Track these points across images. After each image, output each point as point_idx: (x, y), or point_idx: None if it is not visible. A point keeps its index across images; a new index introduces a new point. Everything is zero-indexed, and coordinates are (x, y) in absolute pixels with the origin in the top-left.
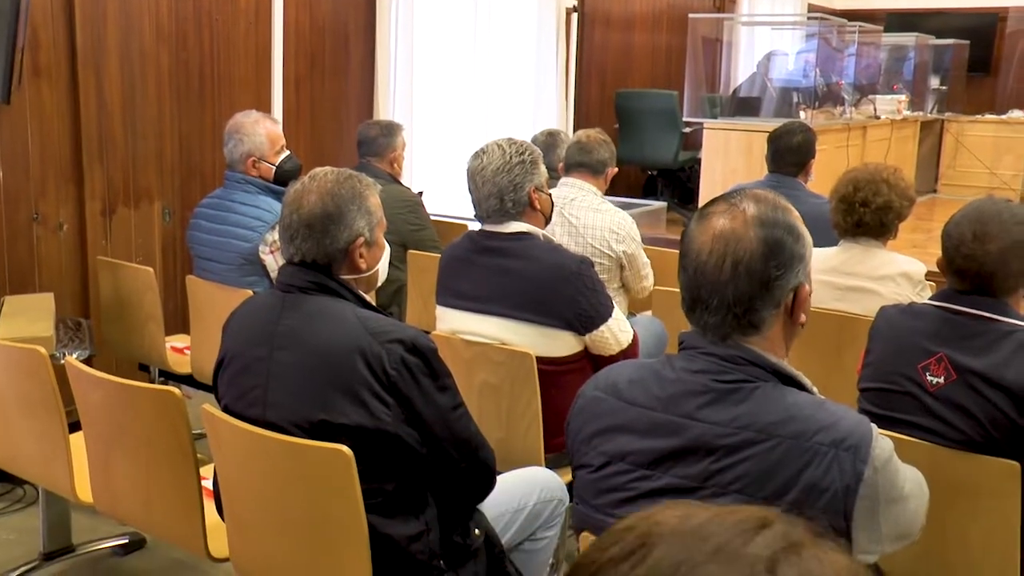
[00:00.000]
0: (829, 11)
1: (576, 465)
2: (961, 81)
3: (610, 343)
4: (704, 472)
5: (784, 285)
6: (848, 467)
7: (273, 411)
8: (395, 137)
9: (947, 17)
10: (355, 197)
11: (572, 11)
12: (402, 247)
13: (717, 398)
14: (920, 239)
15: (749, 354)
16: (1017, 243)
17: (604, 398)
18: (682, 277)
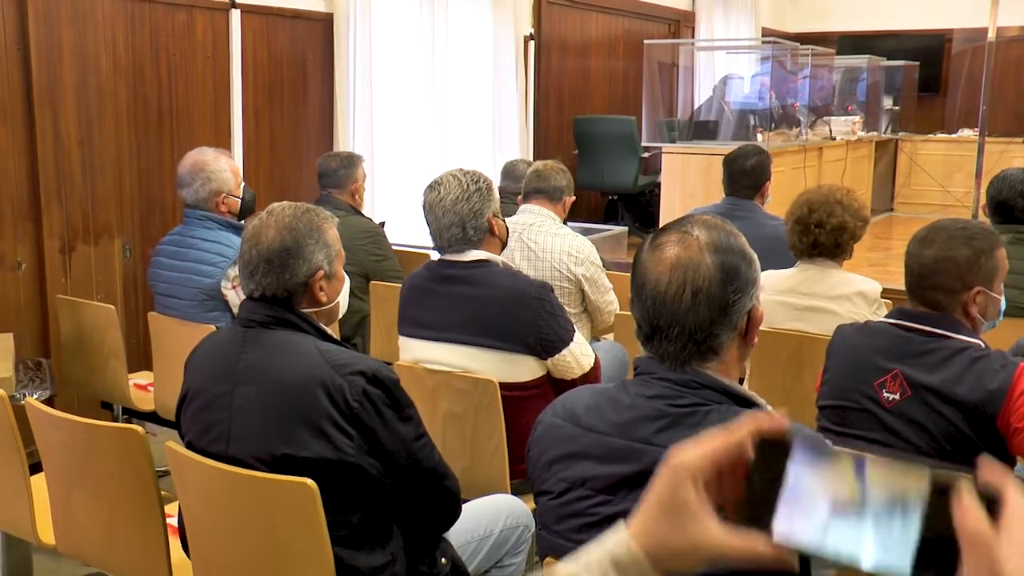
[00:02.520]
0: (782, 35)
1: (538, 492)
2: (912, 101)
3: (572, 367)
4: None
5: (741, 309)
6: None
7: (236, 446)
8: (356, 168)
9: (897, 39)
10: (313, 231)
11: (529, 38)
12: (364, 278)
13: (673, 423)
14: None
15: (703, 378)
16: (950, 259)
17: (562, 425)
18: (638, 307)
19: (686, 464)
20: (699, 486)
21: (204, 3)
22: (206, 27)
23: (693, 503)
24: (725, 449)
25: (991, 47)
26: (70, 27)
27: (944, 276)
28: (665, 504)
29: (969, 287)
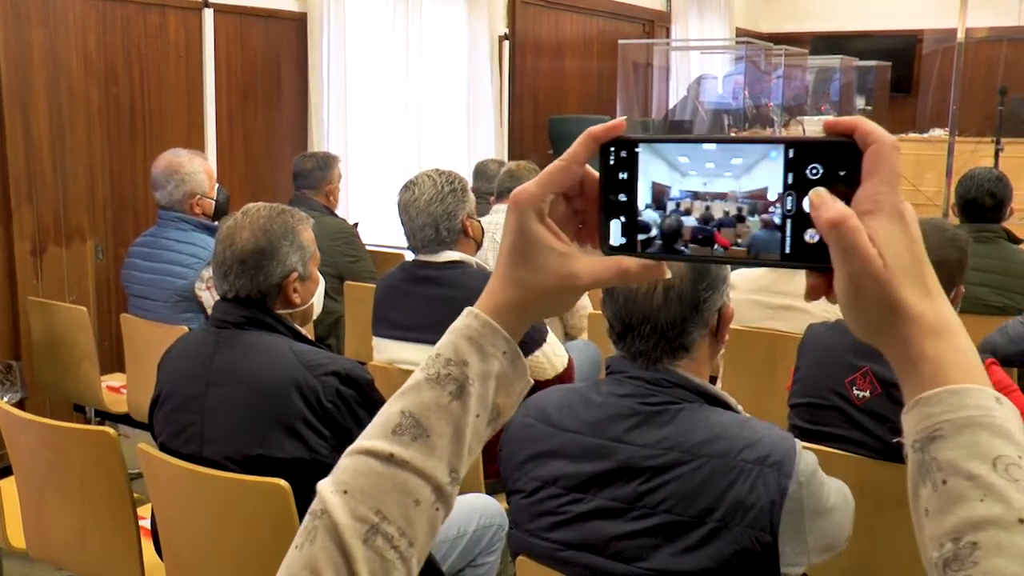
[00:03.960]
0: (756, 35)
1: (510, 491)
2: (885, 101)
3: (545, 368)
4: (633, 493)
5: (712, 306)
6: (773, 483)
7: (210, 447)
8: (331, 169)
9: (869, 40)
10: (288, 232)
11: (504, 38)
12: (339, 279)
13: (644, 421)
14: None
15: (674, 376)
16: (944, 263)
17: (534, 424)
18: (609, 306)
19: (526, 198)
20: (545, 218)
21: (176, 3)
22: (178, 27)
23: (544, 236)
24: (560, 172)
25: (960, 48)
26: (40, 29)
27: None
28: (517, 246)
29: (954, 287)
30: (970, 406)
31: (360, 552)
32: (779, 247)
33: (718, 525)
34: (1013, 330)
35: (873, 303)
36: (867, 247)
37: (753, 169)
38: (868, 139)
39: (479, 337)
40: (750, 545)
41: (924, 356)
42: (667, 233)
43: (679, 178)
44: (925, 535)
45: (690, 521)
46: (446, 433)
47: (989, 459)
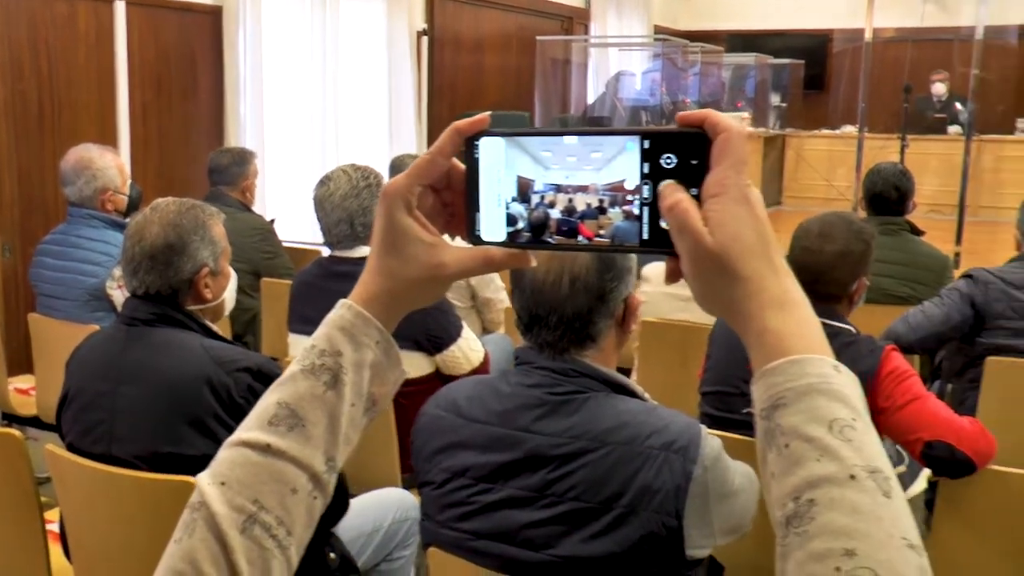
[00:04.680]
0: (674, 33)
1: (421, 482)
2: (799, 98)
3: (461, 362)
4: (542, 482)
5: (617, 297)
6: (678, 468)
7: (119, 446)
8: (247, 165)
9: (784, 38)
10: (198, 227)
11: (422, 34)
12: (255, 275)
13: (551, 410)
14: None
15: (581, 366)
16: (850, 253)
17: (444, 415)
18: (517, 298)
19: (394, 190)
20: (414, 210)
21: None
22: (88, 19)
23: (412, 227)
24: (427, 165)
25: (868, 47)
26: None
27: (842, 271)
28: (387, 237)
29: (858, 278)
30: (810, 374)
31: (238, 542)
32: (638, 235)
33: (625, 511)
34: (914, 319)
35: (714, 279)
36: (696, 225)
37: (612, 162)
38: (717, 129)
39: (352, 327)
40: (656, 529)
41: (767, 328)
42: (535, 225)
43: (543, 172)
44: (772, 497)
45: (597, 508)
46: (321, 422)
47: (826, 422)
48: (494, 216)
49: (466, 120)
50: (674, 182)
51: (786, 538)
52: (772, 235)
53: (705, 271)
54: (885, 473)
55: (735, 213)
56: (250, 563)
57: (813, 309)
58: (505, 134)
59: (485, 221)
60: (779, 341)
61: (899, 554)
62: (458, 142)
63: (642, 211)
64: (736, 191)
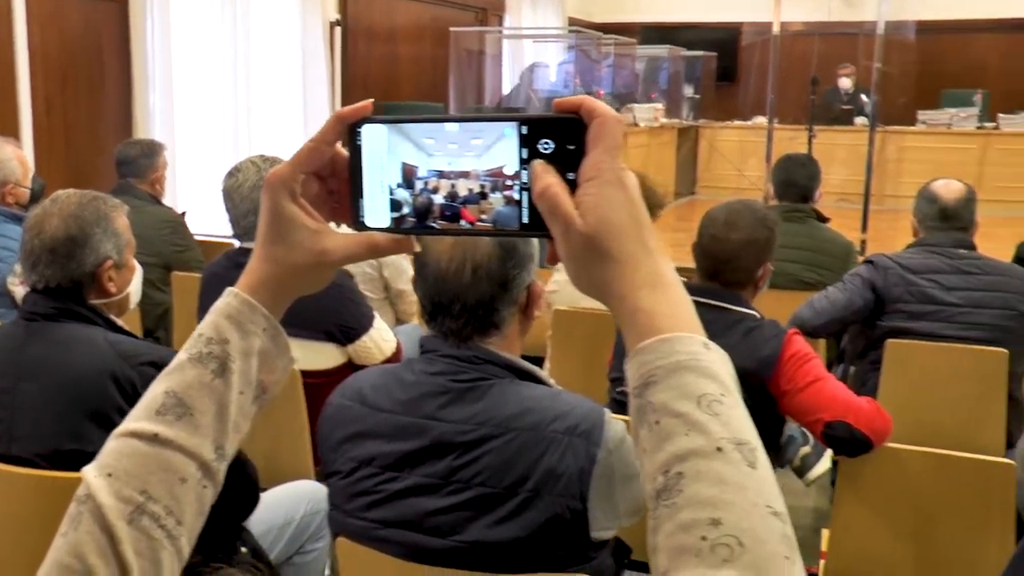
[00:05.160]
0: (588, 25)
1: (328, 473)
2: (711, 90)
3: (373, 353)
4: (447, 469)
5: (520, 284)
6: (582, 451)
7: (19, 445)
8: (156, 157)
9: (696, 31)
10: (100, 219)
11: (335, 24)
12: (166, 269)
13: (456, 397)
14: (681, 238)
15: (485, 353)
16: (756, 241)
17: (350, 405)
18: (421, 287)
19: (277, 178)
20: (298, 198)
21: None
22: None
23: (296, 214)
24: (310, 152)
25: (776, 40)
26: None
27: (747, 259)
28: (271, 224)
29: (763, 264)
30: (680, 352)
31: (125, 533)
32: (518, 219)
33: (530, 495)
34: (818, 304)
35: (585, 259)
36: (567, 208)
37: (492, 148)
38: (592, 114)
39: (238, 315)
40: (561, 512)
41: (639, 308)
42: (419, 211)
43: (426, 158)
44: (645, 472)
45: (503, 493)
46: (210, 411)
47: (694, 398)
48: (378, 202)
49: (348, 107)
50: (543, 163)
51: (656, 511)
52: (646, 217)
53: (578, 253)
54: (752, 445)
55: (609, 196)
56: (138, 554)
57: (720, 295)
58: (388, 121)
59: (369, 207)
60: (651, 320)
61: (763, 522)
62: (341, 129)
63: (522, 195)
64: (610, 174)
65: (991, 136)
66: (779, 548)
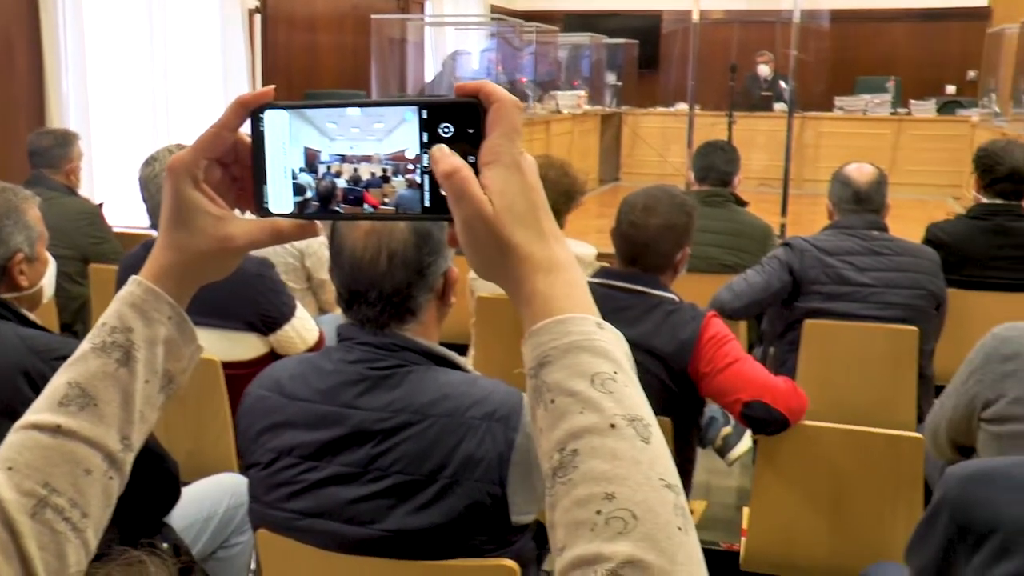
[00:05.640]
0: (510, 12)
1: (248, 464)
2: (633, 77)
3: (296, 342)
4: (366, 457)
5: (436, 271)
6: (500, 436)
7: None
8: (71, 147)
9: (619, 19)
10: (11, 211)
11: (255, 11)
12: (83, 261)
13: (373, 385)
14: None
15: (402, 340)
16: (674, 226)
17: (268, 395)
18: (337, 275)
19: (179, 165)
20: (200, 184)
21: None
22: None
23: (199, 201)
24: (211, 138)
25: (696, 28)
26: None
27: (666, 243)
28: (174, 211)
29: (681, 248)
30: (574, 332)
31: (27, 527)
32: (420, 202)
33: (449, 481)
34: (737, 286)
35: (487, 245)
36: (477, 193)
37: (393, 132)
38: (491, 99)
39: (142, 303)
40: (481, 498)
41: (535, 291)
42: (322, 195)
43: (328, 143)
44: (542, 451)
45: (422, 480)
46: (114, 400)
47: (588, 376)
48: (281, 187)
49: (250, 93)
50: (444, 146)
51: (553, 488)
52: (543, 201)
53: (479, 238)
54: (646, 420)
55: (507, 180)
56: (42, 548)
57: (640, 279)
58: (290, 106)
59: (273, 193)
60: (546, 303)
61: (656, 494)
62: (243, 115)
63: (423, 179)
64: (508, 158)
65: (904, 122)
66: (672, 519)
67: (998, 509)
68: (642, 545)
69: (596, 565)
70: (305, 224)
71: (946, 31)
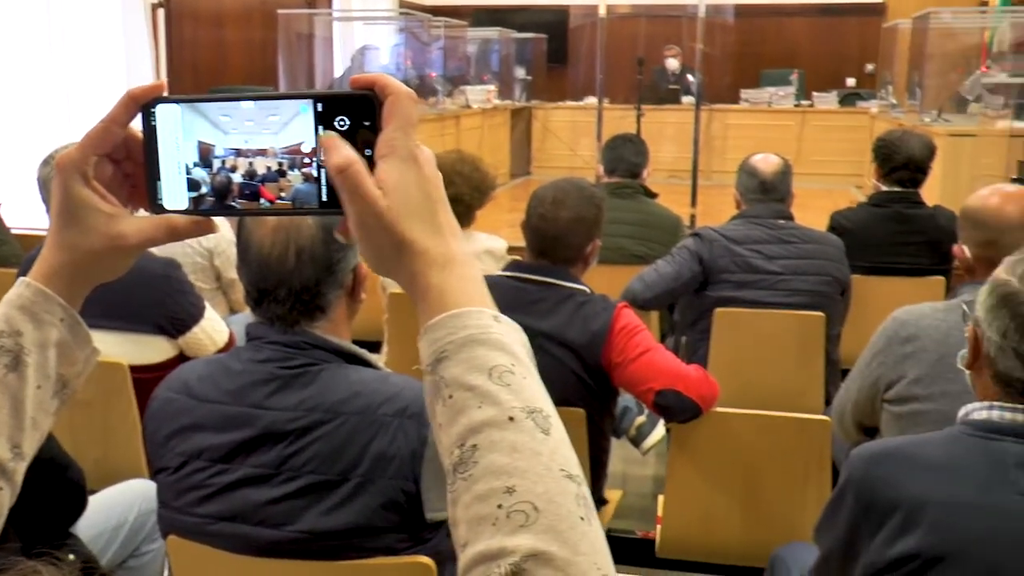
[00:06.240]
0: (418, 7)
1: (157, 469)
2: (543, 71)
3: (205, 344)
4: (278, 458)
5: (346, 267)
6: (413, 433)
7: None
8: None
9: (527, 13)
10: None
11: (157, 6)
12: None
13: (284, 384)
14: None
15: (312, 338)
16: (584, 219)
17: (176, 398)
18: (245, 273)
19: (68, 162)
20: (91, 181)
21: None
22: None
23: (89, 198)
24: (100, 134)
25: (602, 23)
26: None
27: (576, 236)
28: (63, 209)
29: (591, 240)
30: (470, 326)
31: None
32: (317, 196)
33: (362, 480)
34: (648, 277)
35: (381, 240)
36: (370, 189)
37: (289, 125)
38: (386, 91)
39: (32, 305)
40: (395, 496)
41: (430, 286)
42: (217, 190)
43: (222, 136)
44: (442, 447)
45: (335, 480)
46: (3, 407)
47: (486, 370)
48: (175, 183)
49: (141, 87)
50: (332, 134)
51: (454, 484)
52: (440, 194)
53: (372, 233)
54: (545, 412)
55: (403, 173)
56: None
57: (551, 272)
58: (182, 100)
59: (167, 189)
60: (441, 296)
61: (556, 485)
62: (133, 109)
63: (320, 173)
64: (404, 151)
65: (807, 113)
66: (575, 509)
67: (899, 487)
68: (544, 537)
69: (499, 560)
70: (200, 220)
71: (845, 26)
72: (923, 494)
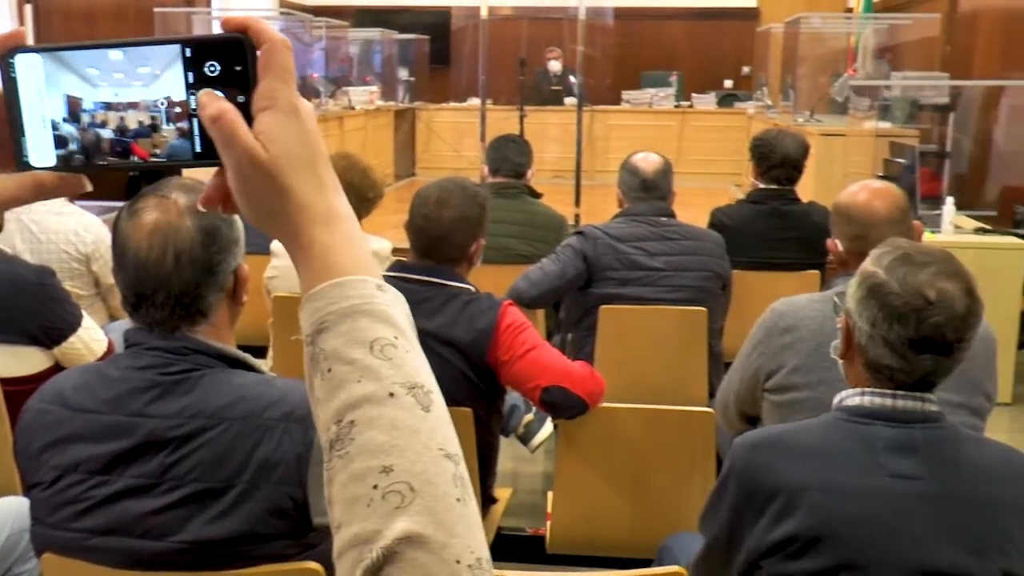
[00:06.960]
0: (299, 7)
1: (29, 485)
2: (426, 73)
3: (83, 353)
4: (160, 467)
5: (226, 269)
6: (298, 437)
7: None
8: None
9: (409, 14)
10: None
11: (26, 1)
12: None
13: (165, 391)
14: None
15: (193, 343)
16: (468, 218)
17: (50, 409)
18: (121, 277)
19: None
20: None
21: None
22: None
23: None
24: None
25: (484, 24)
26: None
27: (460, 235)
28: None
29: (476, 240)
30: (352, 296)
31: None
32: (191, 149)
33: (247, 487)
34: (534, 275)
35: (260, 192)
36: (246, 138)
37: (161, 76)
38: (260, 38)
39: None
40: (281, 502)
41: (313, 241)
42: (87, 147)
43: (91, 90)
44: (319, 423)
45: (219, 487)
46: None
47: (367, 343)
48: (41, 139)
49: None
50: (211, 90)
51: (331, 462)
52: (321, 148)
53: (251, 185)
54: (427, 387)
55: (285, 126)
56: None
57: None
58: (44, 49)
59: (32, 145)
60: (325, 254)
61: (435, 464)
62: None
63: (192, 124)
64: (285, 103)
65: (687, 114)
66: (451, 490)
67: (778, 474)
68: (419, 519)
69: (372, 544)
70: (69, 177)
71: (721, 29)
72: (801, 479)
